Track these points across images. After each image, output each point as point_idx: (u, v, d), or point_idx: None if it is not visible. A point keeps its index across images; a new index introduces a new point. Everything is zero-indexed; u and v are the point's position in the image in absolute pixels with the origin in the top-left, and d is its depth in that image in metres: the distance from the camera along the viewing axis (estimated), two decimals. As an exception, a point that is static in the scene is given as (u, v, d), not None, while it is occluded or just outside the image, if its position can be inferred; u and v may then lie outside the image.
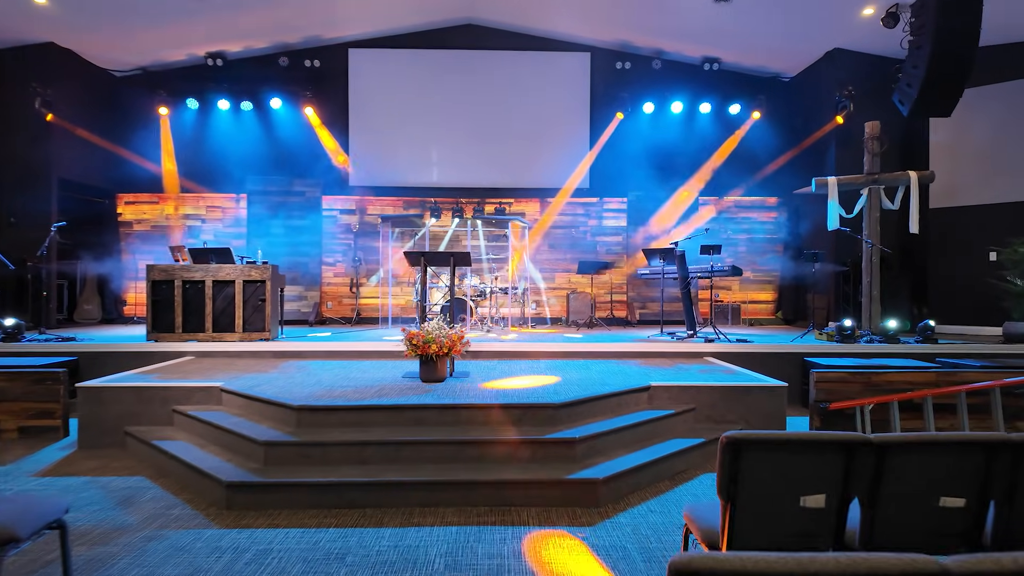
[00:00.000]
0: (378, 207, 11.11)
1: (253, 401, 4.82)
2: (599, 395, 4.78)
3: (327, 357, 7.07)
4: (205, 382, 5.33)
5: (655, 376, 5.71)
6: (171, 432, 5.02)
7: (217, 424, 4.62)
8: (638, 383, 5.30)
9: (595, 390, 4.98)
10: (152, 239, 10.91)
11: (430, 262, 6.16)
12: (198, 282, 7.28)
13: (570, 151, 11.02)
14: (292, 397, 4.72)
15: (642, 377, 5.65)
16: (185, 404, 5.20)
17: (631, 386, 5.16)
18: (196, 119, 10.85)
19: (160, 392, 5.21)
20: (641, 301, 10.74)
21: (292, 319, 10.55)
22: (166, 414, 5.18)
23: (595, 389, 5.02)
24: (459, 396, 4.75)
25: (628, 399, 5.06)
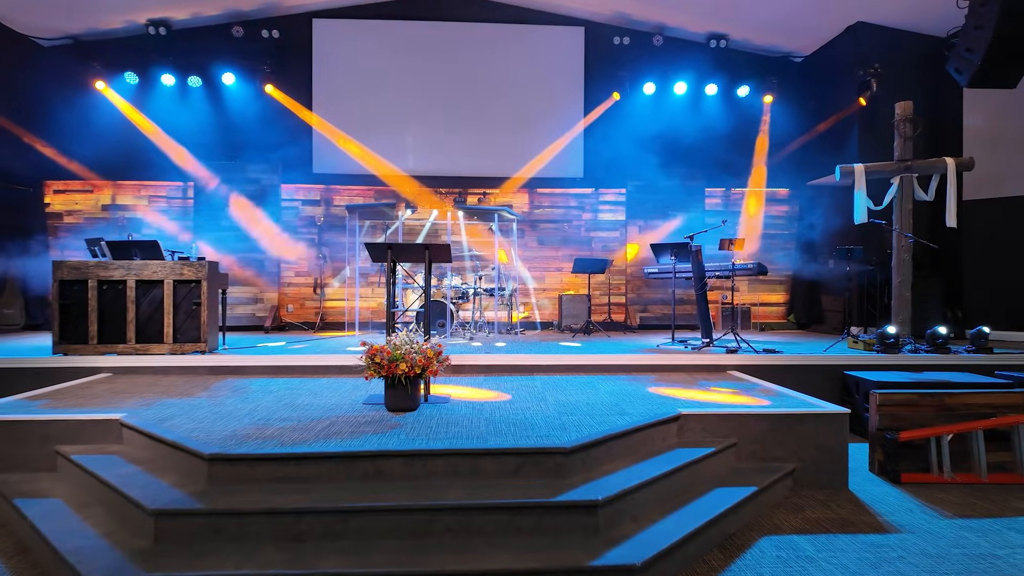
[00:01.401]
0: (346, 197, 9.85)
1: (157, 442, 3.58)
2: (620, 431, 3.62)
3: (275, 374, 5.82)
4: (102, 413, 4.07)
5: (681, 399, 4.58)
6: (48, 484, 3.75)
7: (102, 477, 3.37)
8: (663, 410, 4.17)
9: (612, 423, 3.83)
10: (86, 233, 9.50)
11: (399, 256, 4.95)
12: (118, 282, 5.98)
13: (563, 135, 9.86)
14: (209, 437, 3.49)
15: (665, 402, 4.52)
16: (73, 444, 3.93)
17: (656, 416, 4.02)
18: (136, 96, 9.48)
19: (39, 428, 3.93)
20: (642, 303, 9.64)
21: (245, 325, 9.26)
22: (48, 457, 3.92)
23: (612, 421, 3.87)
24: (434, 434, 3.56)
25: (654, 433, 3.92)
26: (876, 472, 4.58)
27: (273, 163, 9.54)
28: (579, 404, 4.43)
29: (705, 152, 9.92)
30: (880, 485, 4.35)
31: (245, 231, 9.41)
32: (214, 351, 6.27)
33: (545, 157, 9.86)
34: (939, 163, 7.70)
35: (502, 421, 3.89)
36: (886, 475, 4.49)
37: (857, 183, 7.86)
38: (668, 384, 5.29)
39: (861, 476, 4.49)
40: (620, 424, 3.82)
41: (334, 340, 7.89)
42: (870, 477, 4.53)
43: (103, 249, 6.17)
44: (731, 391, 4.99)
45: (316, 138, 9.74)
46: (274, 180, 9.57)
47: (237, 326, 9.21)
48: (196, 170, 9.46)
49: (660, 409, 4.27)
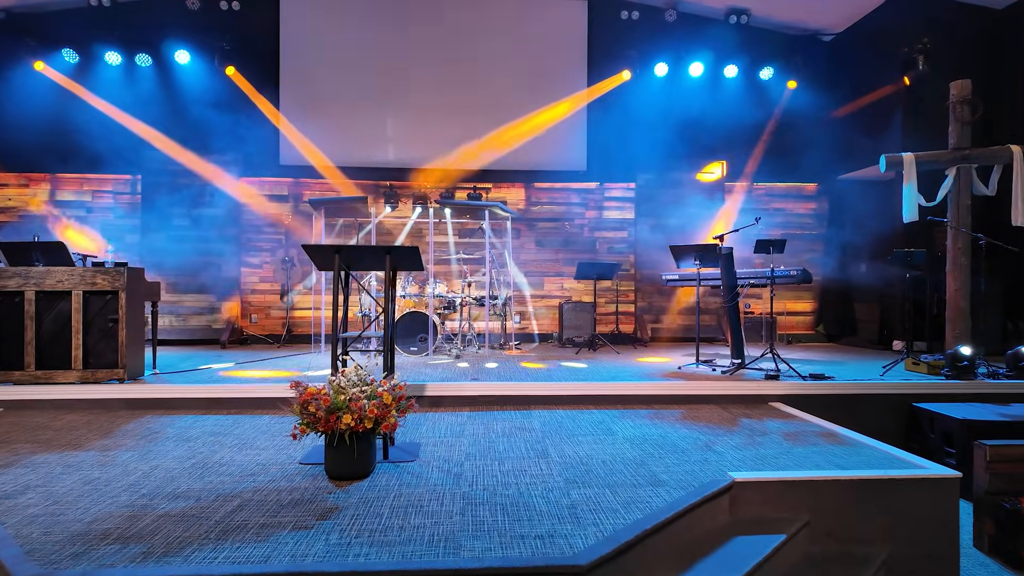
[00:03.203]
0: (317, 191, 8.68)
1: (-26, 541, 2.41)
2: (658, 523, 2.47)
3: (207, 409, 4.65)
4: (-74, 484, 2.90)
5: (728, 456, 3.43)
6: None
7: None
8: (707, 474, 3.04)
9: (644, 500, 2.69)
10: (20, 233, 8.29)
11: (353, 263, 3.79)
12: (14, 294, 4.80)
13: (563, 124, 8.71)
14: (49, 533, 2.35)
15: (705, 458, 3.37)
16: None
17: (701, 487, 2.88)
18: (77, 77, 8.28)
19: None
20: (653, 313, 8.49)
21: (200, 339, 8.08)
22: None
23: (642, 497, 2.73)
24: (383, 529, 2.41)
25: (702, 515, 2.77)
26: (986, 550, 3.45)
27: (234, 154, 8.36)
28: (592, 463, 3.28)
29: (726, 142, 8.77)
30: (997, 574, 3.22)
31: (201, 231, 8.23)
32: (137, 378, 5.10)
33: (543, 147, 8.71)
34: (1002, 152, 6.56)
35: (487, 499, 2.73)
36: (1002, 556, 3.36)
37: (906, 175, 6.72)
38: (703, 426, 4.14)
39: (965, 557, 3.35)
40: (655, 503, 2.67)
41: (296, 358, 6.72)
42: (979, 559, 3.40)
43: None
44: (786, 436, 3.84)
45: (284, 125, 8.56)
46: (235, 172, 8.39)
47: (190, 340, 8.04)
48: (145, 162, 8.27)
49: (702, 471, 3.13)
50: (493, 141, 8.72)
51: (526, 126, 8.70)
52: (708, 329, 8.37)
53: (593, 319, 7.63)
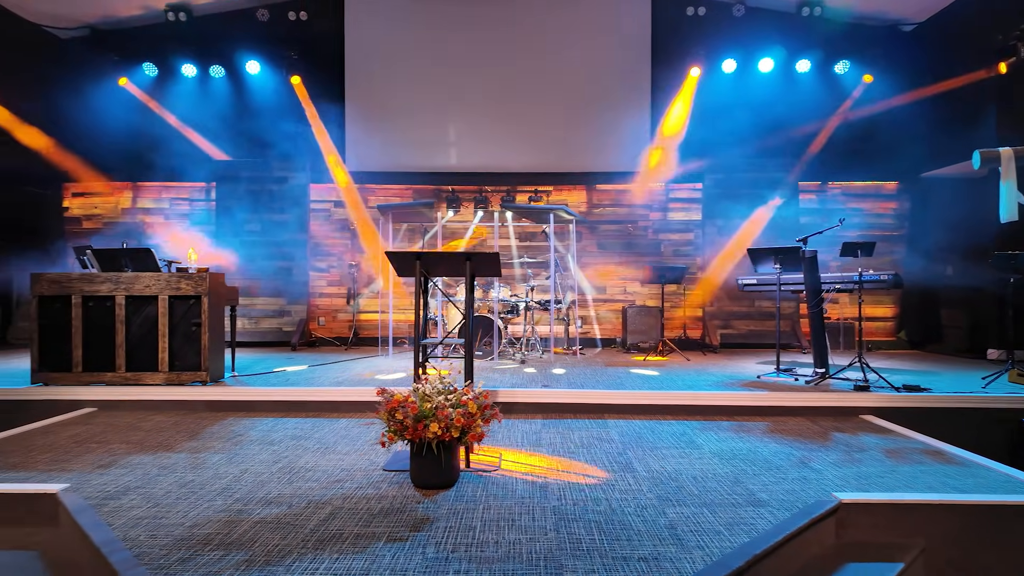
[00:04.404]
0: (382, 197, 8.79)
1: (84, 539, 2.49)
2: (767, 548, 2.32)
3: (285, 411, 4.74)
4: (39, 484, 3.03)
5: (827, 474, 3.23)
6: (-53, 589, 2.72)
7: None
8: (808, 494, 2.86)
9: (746, 521, 2.54)
10: (105, 239, 8.75)
11: (432, 269, 3.77)
12: (106, 298, 5.03)
13: (626, 123, 8.53)
14: (154, 538, 2.41)
15: (803, 476, 3.18)
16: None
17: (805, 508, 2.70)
18: (156, 89, 8.66)
19: (-51, 505, 2.91)
20: (723, 318, 8.19)
21: (271, 341, 8.31)
22: (-39, 543, 2.89)
23: (744, 517, 2.59)
24: (479, 544, 2.35)
25: (809, 539, 2.60)
26: (1124, 585, 3.11)
27: (302, 161, 8.58)
28: (683, 479, 3.14)
29: (798, 140, 8.41)
30: None
31: (271, 236, 8.47)
32: (218, 380, 5.25)
33: (605, 148, 8.56)
34: (1116, 144, 6.04)
35: (578, 516, 2.64)
36: None
37: (1004, 172, 6.24)
38: (793, 440, 3.93)
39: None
40: (759, 524, 2.53)
41: (364, 361, 6.81)
42: (1118, 594, 3.07)
43: (91, 259, 5.24)
44: (887, 453, 3.60)
45: (349, 132, 8.71)
46: (302, 180, 8.60)
47: (262, 342, 8.28)
48: (219, 170, 8.59)
49: (802, 490, 2.95)
50: (554, 143, 8.63)
51: (588, 127, 8.58)
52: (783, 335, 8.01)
53: (660, 324, 7.42)
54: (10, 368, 5.98)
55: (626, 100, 8.56)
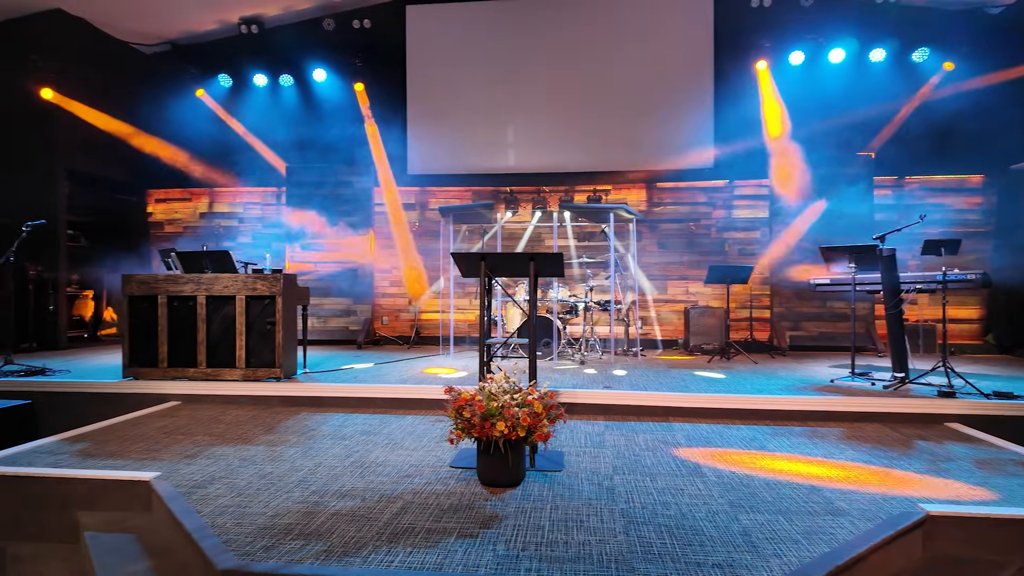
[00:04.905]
0: (442, 199, 8.94)
1: (177, 525, 2.66)
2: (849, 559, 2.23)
3: (354, 407, 4.90)
4: (133, 471, 3.25)
5: (905, 479, 3.07)
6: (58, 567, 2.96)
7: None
8: (891, 504, 2.72)
9: (824, 530, 2.45)
10: (185, 243, 9.29)
11: (496, 270, 3.81)
12: (188, 298, 5.33)
13: (687, 120, 8.36)
14: (240, 525, 2.54)
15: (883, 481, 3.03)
16: (97, 511, 3.13)
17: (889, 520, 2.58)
18: (230, 98, 9.11)
19: (58, 488, 3.17)
20: (792, 320, 7.90)
21: (338, 339, 8.60)
22: (69, 525, 3.14)
23: (821, 526, 2.49)
24: (548, 543, 2.37)
25: (894, 552, 2.48)
26: None
27: (366, 165, 8.83)
28: (755, 484, 3.06)
29: (872, 133, 8.02)
30: None
31: (339, 238, 8.77)
32: (291, 377, 5.48)
33: (666, 145, 8.40)
34: None
35: (648, 520, 2.61)
36: None
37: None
38: (872, 448, 3.76)
39: None
40: (839, 535, 2.43)
41: (426, 360, 6.94)
42: None
43: (175, 261, 5.57)
44: (978, 464, 3.38)
45: (410, 136, 8.91)
46: (367, 184, 8.86)
47: (330, 341, 8.58)
48: (288, 175, 8.96)
49: (884, 500, 2.82)
50: (613, 141, 8.55)
51: (648, 125, 8.45)
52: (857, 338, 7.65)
53: (724, 326, 7.22)
54: (103, 364, 6.43)
55: (687, 97, 8.38)
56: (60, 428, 4.57)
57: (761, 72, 8.08)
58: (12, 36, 7.88)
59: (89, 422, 4.45)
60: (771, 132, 8.09)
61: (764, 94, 8.10)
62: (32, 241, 6.32)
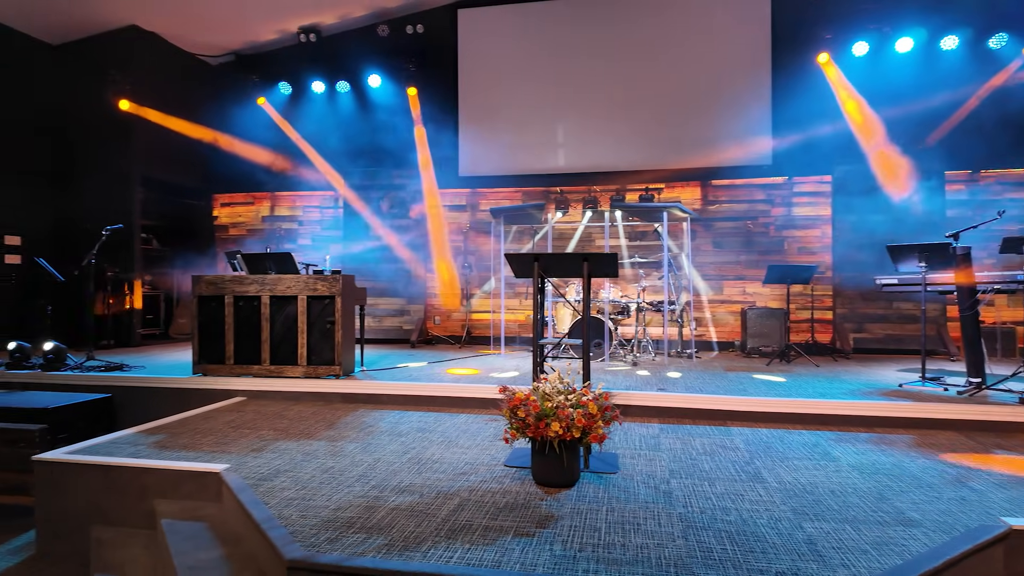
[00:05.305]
0: (492, 200, 9.01)
1: (246, 516, 2.78)
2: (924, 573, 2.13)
3: (409, 405, 5.00)
4: (204, 463, 3.42)
5: (991, 496, 2.90)
6: (137, 551, 3.15)
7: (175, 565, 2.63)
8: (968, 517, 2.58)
9: (896, 542, 2.35)
10: (248, 245, 9.69)
11: (549, 270, 3.82)
12: (253, 298, 5.56)
13: (743, 116, 8.14)
14: (304, 516, 2.64)
15: (961, 495, 2.88)
16: (171, 499, 3.31)
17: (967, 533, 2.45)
18: (290, 106, 9.44)
19: (136, 478, 3.37)
20: (856, 321, 7.58)
21: (392, 339, 8.79)
22: (146, 512, 3.33)
23: (892, 537, 2.39)
24: (605, 545, 2.36)
25: (972, 567, 2.35)
26: None
27: (418, 168, 8.98)
28: (819, 491, 2.96)
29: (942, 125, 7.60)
30: None
31: (393, 240, 8.96)
32: (349, 374, 5.63)
33: (721, 142, 8.20)
34: None
35: (707, 523, 2.57)
36: None
37: None
38: (945, 455, 3.57)
39: None
40: (912, 547, 2.32)
41: (478, 359, 7.01)
42: None
43: (240, 262, 5.82)
44: (1067, 478, 3.17)
45: (462, 138, 9.02)
46: (420, 186, 9.01)
47: (385, 339, 8.78)
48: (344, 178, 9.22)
49: (961, 512, 2.67)
50: (666, 139, 8.42)
51: (702, 121, 8.28)
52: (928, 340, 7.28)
53: (784, 327, 7.00)
54: (174, 360, 6.78)
55: (744, 92, 8.16)
56: (136, 421, 4.86)
57: (824, 65, 7.78)
58: (92, 52, 8.42)
59: (162, 415, 4.71)
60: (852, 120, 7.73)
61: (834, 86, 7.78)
62: (110, 244, 6.73)
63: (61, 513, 3.47)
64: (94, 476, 3.43)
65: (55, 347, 5.94)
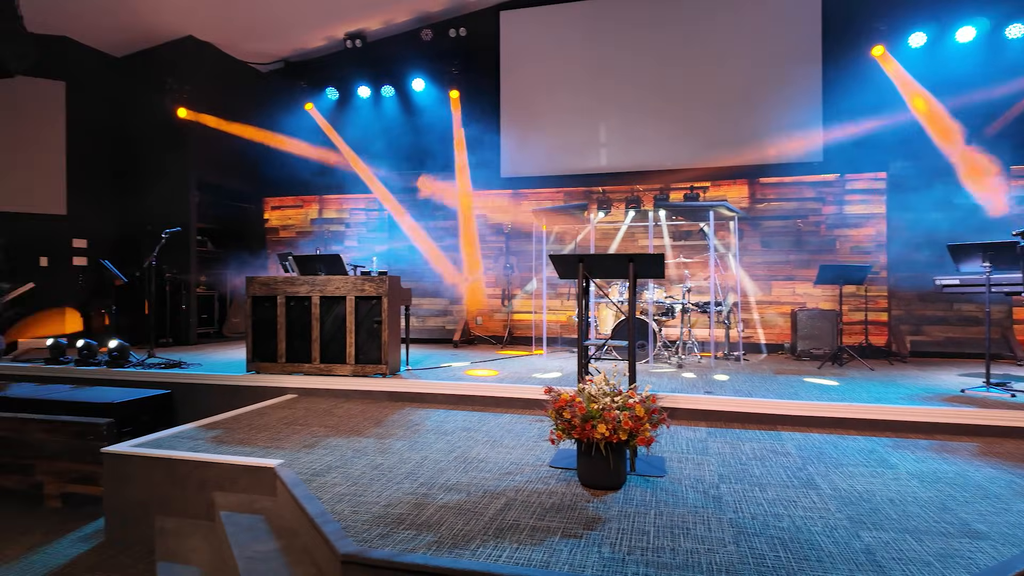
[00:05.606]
0: (534, 201, 9.02)
1: (300, 513, 2.87)
2: (992, 588, 2.04)
3: (454, 404, 5.06)
4: (259, 458, 3.55)
5: (1066, 508, 2.76)
6: (199, 541, 3.28)
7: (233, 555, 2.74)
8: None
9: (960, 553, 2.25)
10: (297, 247, 9.97)
11: (594, 271, 3.80)
12: (304, 299, 5.72)
13: (792, 112, 7.92)
14: (356, 512, 2.71)
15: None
16: (229, 492, 3.45)
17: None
18: (336, 111, 9.67)
19: (196, 471, 3.52)
20: (914, 323, 7.29)
21: (436, 338, 8.90)
22: (205, 503, 3.48)
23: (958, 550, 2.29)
24: (654, 549, 2.34)
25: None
26: None
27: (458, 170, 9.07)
28: (877, 499, 2.86)
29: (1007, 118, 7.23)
30: None
31: (435, 241, 9.08)
32: (395, 373, 5.74)
33: (769, 139, 7.99)
34: None
35: (758, 531, 2.52)
36: None
37: None
38: (1014, 466, 3.40)
39: None
40: (979, 560, 2.23)
41: (520, 360, 7.03)
42: None
43: (292, 264, 5.99)
44: None
45: (504, 139, 9.06)
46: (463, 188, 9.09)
47: (428, 339, 8.90)
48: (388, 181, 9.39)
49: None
50: (711, 137, 8.26)
51: (750, 118, 8.10)
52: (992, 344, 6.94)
53: (836, 329, 6.78)
54: (228, 358, 7.03)
55: (793, 87, 7.94)
56: (194, 416, 5.08)
57: (879, 57, 7.50)
58: (151, 63, 8.81)
59: (219, 411, 4.90)
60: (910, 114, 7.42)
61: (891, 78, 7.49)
62: (168, 246, 7.04)
63: (128, 502, 3.65)
64: (158, 468, 3.60)
65: (119, 345, 6.24)
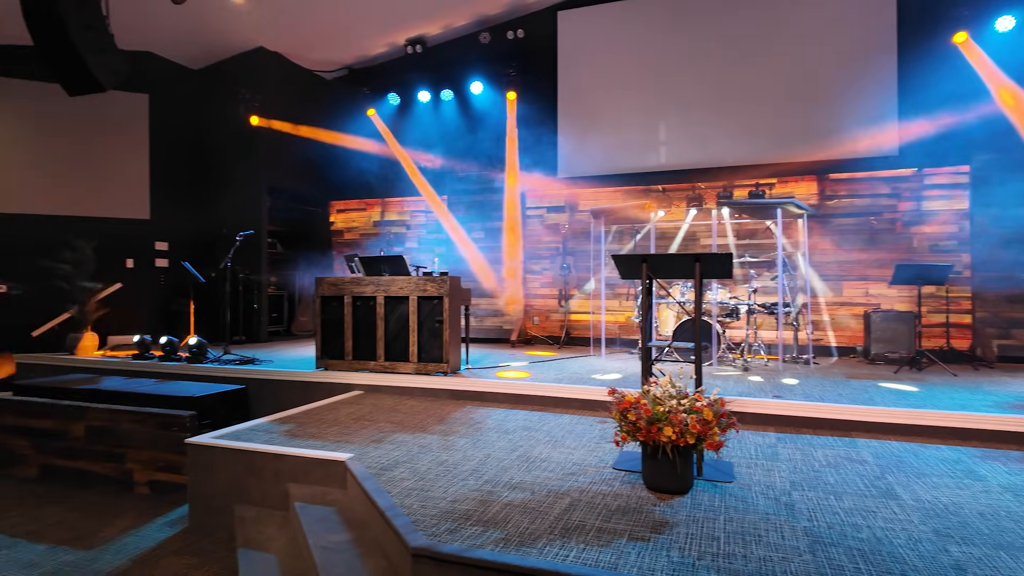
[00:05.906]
0: (591, 201, 8.97)
1: (370, 505, 2.97)
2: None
3: (514, 403, 5.10)
4: (331, 452, 3.69)
5: None
6: (275, 530, 3.44)
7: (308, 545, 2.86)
8: None
9: (1063, 577, 2.10)
10: (361, 248, 10.28)
11: (658, 272, 3.75)
12: (369, 298, 5.90)
13: (864, 105, 7.57)
14: (424, 506, 2.78)
15: None
16: (302, 483, 3.60)
17: None
18: (398, 115, 9.91)
19: (272, 462, 3.69)
20: (1002, 327, 6.83)
21: (493, 338, 8.99)
22: (280, 494, 3.65)
23: (1060, 572, 2.14)
24: (725, 555, 2.29)
25: None
26: None
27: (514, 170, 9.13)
28: (965, 512, 2.71)
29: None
30: None
31: (493, 241, 9.18)
32: (456, 372, 5.84)
33: (839, 133, 7.66)
34: None
35: (836, 541, 2.43)
36: None
37: None
38: (1120, 481, 3.14)
39: None
40: (1082, 583, 2.07)
41: (578, 361, 7.01)
42: None
43: (357, 265, 6.19)
44: None
45: (561, 139, 9.05)
46: (520, 187, 9.15)
47: (486, 339, 9.01)
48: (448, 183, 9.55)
49: None
50: (777, 131, 7.99)
51: (818, 111, 7.79)
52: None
53: (914, 332, 6.43)
54: (297, 356, 7.32)
55: (866, 79, 7.59)
56: (267, 410, 5.32)
57: (962, 44, 7.06)
58: (226, 74, 9.28)
59: (290, 406, 5.11)
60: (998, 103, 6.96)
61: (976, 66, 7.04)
62: (242, 248, 7.39)
63: (209, 491, 3.86)
64: (237, 459, 3.80)
65: (199, 342, 6.61)
